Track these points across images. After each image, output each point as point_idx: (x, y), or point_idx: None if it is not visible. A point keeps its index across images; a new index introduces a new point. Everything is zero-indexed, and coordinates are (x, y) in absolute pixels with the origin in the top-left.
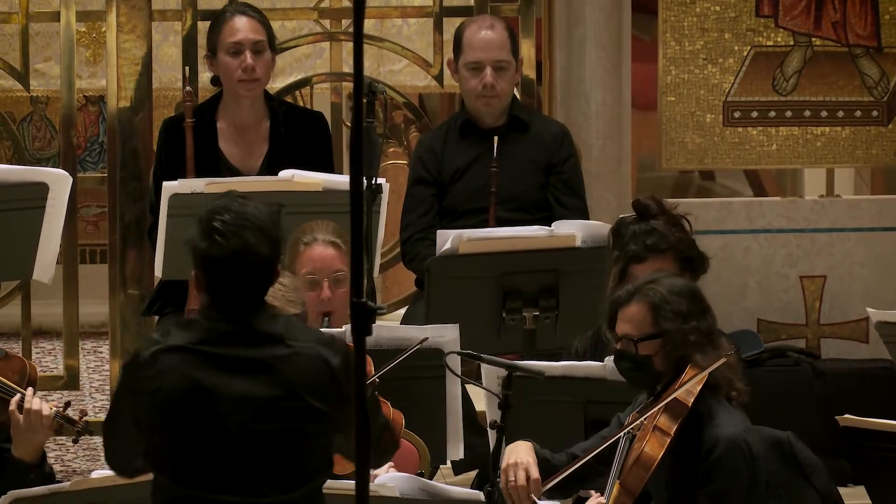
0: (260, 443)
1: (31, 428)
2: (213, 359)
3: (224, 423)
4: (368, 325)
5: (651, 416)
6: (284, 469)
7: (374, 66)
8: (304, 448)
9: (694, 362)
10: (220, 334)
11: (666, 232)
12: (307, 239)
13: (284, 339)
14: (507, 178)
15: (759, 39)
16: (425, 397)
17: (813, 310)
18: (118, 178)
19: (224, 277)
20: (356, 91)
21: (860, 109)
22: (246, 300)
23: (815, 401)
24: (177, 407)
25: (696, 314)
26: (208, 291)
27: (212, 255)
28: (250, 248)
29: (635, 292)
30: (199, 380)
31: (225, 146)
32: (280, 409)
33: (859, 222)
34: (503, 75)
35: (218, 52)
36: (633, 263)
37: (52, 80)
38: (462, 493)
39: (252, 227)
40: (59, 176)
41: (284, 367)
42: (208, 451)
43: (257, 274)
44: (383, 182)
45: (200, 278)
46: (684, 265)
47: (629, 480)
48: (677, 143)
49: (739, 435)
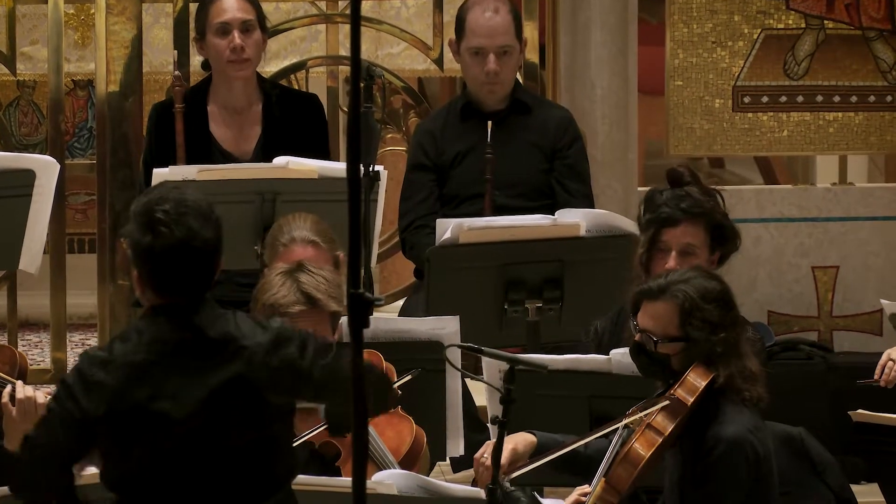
0: (225, 455)
1: (25, 418)
2: (164, 370)
3: (182, 440)
4: (366, 317)
5: (648, 412)
6: (254, 478)
7: (371, 50)
8: (273, 452)
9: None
10: (170, 344)
11: (700, 198)
12: (285, 239)
13: (237, 339)
14: (508, 164)
15: (770, 22)
16: (424, 392)
17: (825, 301)
18: (107, 165)
19: (172, 268)
20: (353, 75)
21: (874, 94)
22: (195, 290)
23: (828, 395)
24: (128, 426)
25: (726, 325)
26: (155, 288)
27: (158, 246)
28: (196, 234)
29: (666, 288)
30: (148, 395)
31: (217, 130)
32: (243, 416)
33: (873, 211)
34: (507, 60)
35: (206, 33)
36: (665, 227)
37: (39, 63)
38: (462, 490)
39: (193, 213)
40: (47, 163)
41: (241, 370)
42: (168, 471)
43: (205, 260)
44: (381, 169)
45: (144, 276)
46: (715, 236)
47: (615, 477)
48: (685, 129)
49: (743, 435)
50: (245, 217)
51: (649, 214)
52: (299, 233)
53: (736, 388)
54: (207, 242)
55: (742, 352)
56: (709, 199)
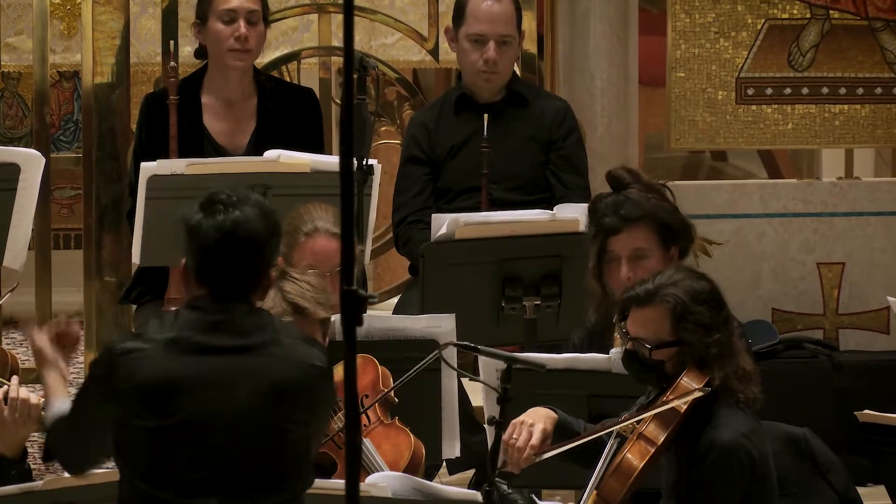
0: (240, 442)
1: (18, 420)
2: (195, 349)
3: (203, 421)
4: (359, 314)
5: (643, 420)
6: (264, 471)
7: (365, 40)
8: (286, 449)
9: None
10: (206, 324)
11: (640, 199)
12: (308, 228)
13: (272, 334)
14: (504, 157)
15: (774, 12)
16: (419, 392)
17: (831, 298)
18: (94, 159)
19: (216, 252)
20: (346, 66)
21: (881, 86)
22: (236, 283)
23: (833, 395)
24: (152, 401)
25: (718, 325)
26: (197, 272)
27: (206, 224)
28: (246, 222)
29: (655, 293)
30: (175, 372)
31: (210, 122)
32: (263, 407)
33: (880, 206)
34: (506, 50)
35: (209, 18)
36: (609, 236)
37: (24, 54)
38: (458, 493)
39: (252, 203)
40: (32, 156)
41: (271, 363)
42: (184, 450)
43: (249, 252)
44: (375, 163)
45: (189, 257)
46: (665, 236)
47: (607, 489)
48: (687, 122)
49: (736, 440)
50: None
51: (593, 226)
52: (323, 224)
53: (731, 389)
54: (255, 234)
55: (735, 350)
56: (650, 197)
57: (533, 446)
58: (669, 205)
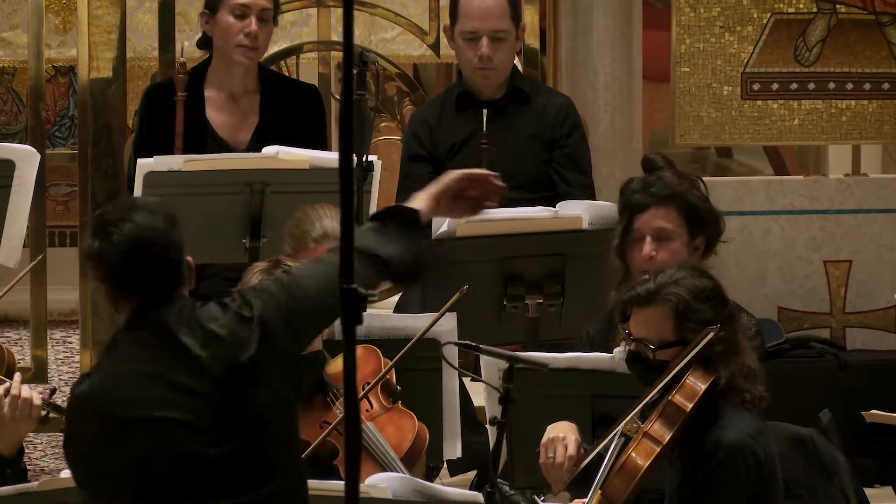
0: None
1: (17, 418)
2: (140, 380)
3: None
4: (359, 313)
5: (648, 420)
6: (242, 468)
7: (364, 35)
8: (263, 440)
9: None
10: (142, 348)
11: (671, 181)
12: (317, 234)
13: (205, 327)
14: (507, 154)
15: (780, 6)
16: (420, 391)
17: (838, 297)
18: (90, 155)
19: (130, 265)
20: (346, 61)
21: (888, 81)
22: (164, 283)
23: (840, 395)
24: (110, 438)
25: (722, 322)
26: (121, 295)
27: (109, 251)
28: (143, 228)
29: (656, 292)
30: (125, 406)
31: (213, 116)
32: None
33: (887, 203)
34: (501, 46)
35: (219, 10)
36: (636, 213)
37: (19, 49)
38: (460, 494)
39: (139, 209)
40: (27, 152)
41: (212, 360)
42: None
43: (160, 250)
44: (375, 159)
45: (108, 283)
46: (692, 221)
47: (612, 489)
48: (692, 118)
49: (742, 441)
50: (233, 209)
51: (621, 204)
52: (332, 229)
53: (737, 388)
54: (154, 236)
55: (740, 348)
56: (682, 182)
57: (571, 457)
58: (701, 194)
